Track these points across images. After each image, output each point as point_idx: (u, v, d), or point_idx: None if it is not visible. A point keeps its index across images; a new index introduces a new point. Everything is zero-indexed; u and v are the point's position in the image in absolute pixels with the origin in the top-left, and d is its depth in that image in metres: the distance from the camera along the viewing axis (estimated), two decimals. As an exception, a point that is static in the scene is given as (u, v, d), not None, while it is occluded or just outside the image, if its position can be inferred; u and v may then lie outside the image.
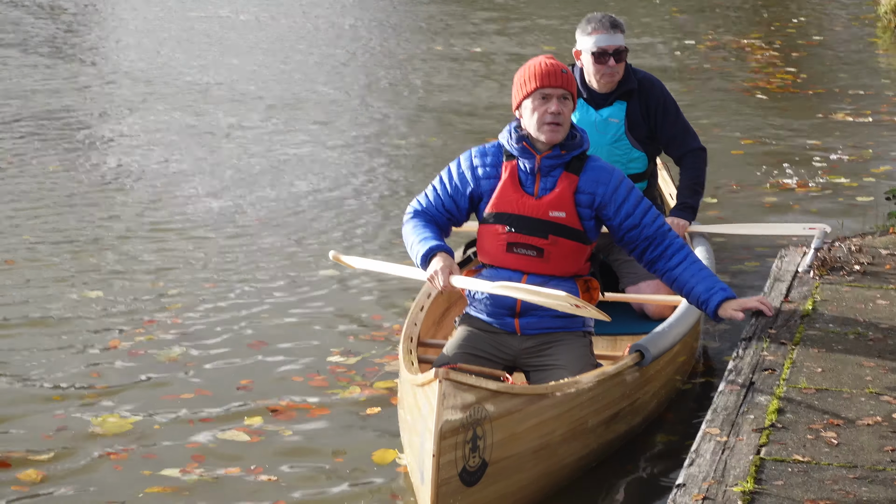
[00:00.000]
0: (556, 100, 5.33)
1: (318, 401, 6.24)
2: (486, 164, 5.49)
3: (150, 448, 5.74)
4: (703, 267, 5.47)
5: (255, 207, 9.32)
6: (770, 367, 5.16)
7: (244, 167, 10.38)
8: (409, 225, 5.56)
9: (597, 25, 6.63)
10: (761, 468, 4.34)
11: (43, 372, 6.58)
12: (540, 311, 5.40)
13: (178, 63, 14.80)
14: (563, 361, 5.38)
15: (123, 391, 6.35)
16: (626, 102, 6.73)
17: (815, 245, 6.35)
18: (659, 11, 18.06)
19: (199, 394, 6.31)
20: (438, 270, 5.33)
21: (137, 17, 18.03)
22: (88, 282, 7.83)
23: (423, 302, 6.14)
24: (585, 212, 5.39)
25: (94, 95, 13.18)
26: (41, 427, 5.96)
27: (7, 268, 8.05)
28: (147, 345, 6.88)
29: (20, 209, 9.24)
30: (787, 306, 5.84)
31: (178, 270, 8.06)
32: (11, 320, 7.24)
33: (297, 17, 17.88)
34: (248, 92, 13.26)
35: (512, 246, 5.40)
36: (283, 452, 5.72)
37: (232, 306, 7.48)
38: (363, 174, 10.28)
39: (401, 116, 12.31)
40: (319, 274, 7.99)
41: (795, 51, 15.26)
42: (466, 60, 14.82)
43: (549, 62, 5.37)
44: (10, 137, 11.29)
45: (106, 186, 9.88)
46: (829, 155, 10.69)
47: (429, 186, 5.61)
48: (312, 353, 6.82)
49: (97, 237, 8.66)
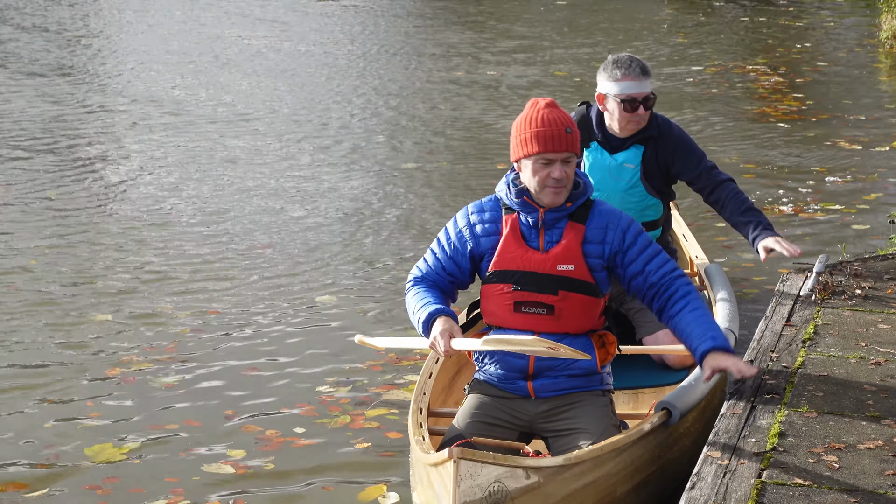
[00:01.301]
0: (559, 164, 4.96)
1: (306, 431, 6.22)
2: (485, 220, 5.13)
3: (134, 480, 5.71)
4: (703, 314, 4.98)
5: (259, 233, 9.32)
6: (772, 391, 5.15)
7: (249, 192, 10.38)
8: (410, 293, 5.21)
9: (626, 72, 6.19)
10: (762, 491, 4.32)
11: (37, 394, 6.60)
12: (554, 372, 5.07)
13: (185, 85, 14.82)
14: (584, 424, 5.00)
15: (114, 419, 6.34)
16: (644, 147, 6.34)
17: (817, 269, 6.34)
18: (666, 37, 18.07)
19: (188, 423, 6.30)
20: (438, 336, 4.96)
21: (145, 40, 18.05)
22: (86, 305, 7.85)
23: (431, 368, 5.78)
24: (595, 262, 5.02)
25: (98, 118, 13.19)
26: (34, 453, 5.98)
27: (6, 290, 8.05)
28: (142, 371, 6.88)
29: (21, 231, 9.23)
30: (788, 330, 5.81)
31: (177, 296, 8.06)
32: (5, 343, 7.25)
33: (311, 41, 17.88)
34: (256, 115, 13.27)
35: (520, 305, 5.03)
36: (267, 487, 5.68)
37: (230, 333, 7.48)
38: (375, 200, 10.27)
39: (415, 140, 12.31)
40: (317, 300, 8.00)
41: (800, 77, 15.26)
42: (485, 86, 14.81)
43: (552, 117, 4.96)
44: (13, 159, 11.28)
45: (107, 209, 9.90)
46: (832, 180, 10.68)
47: (427, 251, 5.26)
48: (306, 382, 6.81)
49: (97, 262, 8.68)
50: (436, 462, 4.34)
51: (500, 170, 10.58)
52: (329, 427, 6.25)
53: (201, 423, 6.28)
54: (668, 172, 6.40)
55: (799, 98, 13.97)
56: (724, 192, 6.39)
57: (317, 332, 7.50)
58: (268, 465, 5.87)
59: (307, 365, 7.02)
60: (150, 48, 17.35)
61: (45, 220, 9.57)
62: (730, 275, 8.16)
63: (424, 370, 5.75)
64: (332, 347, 7.26)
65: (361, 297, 8.03)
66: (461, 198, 10.04)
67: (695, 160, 6.39)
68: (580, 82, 14.80)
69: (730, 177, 6.45)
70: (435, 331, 4.99)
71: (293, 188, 10.51)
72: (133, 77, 15.32)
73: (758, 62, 16.14)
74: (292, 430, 6.22)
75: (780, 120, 12.98)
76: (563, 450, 4.92)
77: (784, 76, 15.26)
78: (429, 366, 5.79)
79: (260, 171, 11.02)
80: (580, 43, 17.45)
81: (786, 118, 13.07)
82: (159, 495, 5.57)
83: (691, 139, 6.46)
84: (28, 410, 6.46)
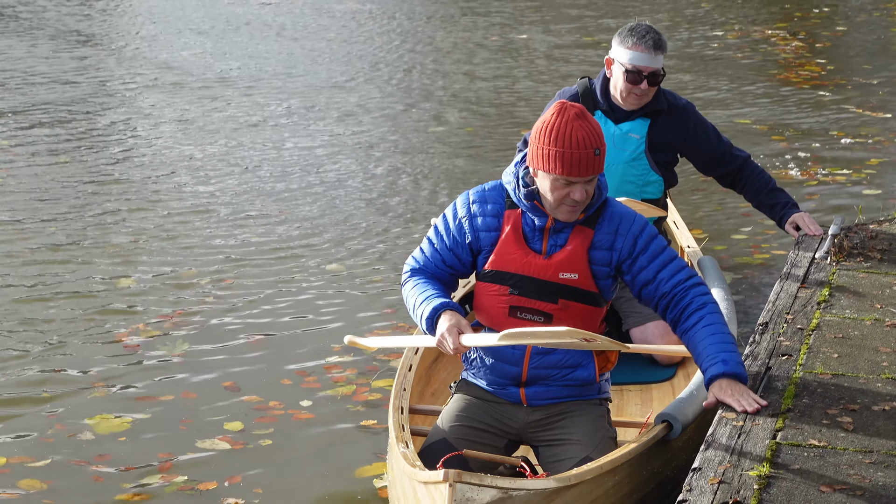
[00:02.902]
0: (581, 185, 4.49)
1: (307, 403, 6.19)
2: (486, 212, 4.68)
3: (125, 456, 5.67)
4: (717, 330, 4.59)
5: (275, 201, 9.30)
6: (786, 353, 5.11)
7: (266, 158, 10.35)
8: (408, 285, 4.79)
9: (637, 41, 5.91)
10: (777, 452, 4.29)
11: (43, 362, 6.61)
12: (548, 381, 4.69)
13: (201, 51, 14.78)
14: (578, 436, 4.66)
15: (115, 388, 6.33)
16: (651, 120, 6.07)
17: (833, 231, 6.28)
18: (691, 1, 17.98)
19: (185, 396, 6.29)
20: (445, 333, 4.54)
21: (162, 3, 18.00)
22: (96, 271, 7.86)
23: (410, 360, 5.40)
24: (601, 270, 4.62)
25: (112, 83, 13.19)
26: (37, 423, 5.99)
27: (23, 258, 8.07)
28: (149, 340, 6.88)
29: (34, 198, 9.22)
30: (803, 292, 5.77)
31: (190, 264, 8.06)
32: (17, 309, 7.26)
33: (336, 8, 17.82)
34: (274, 81, 13.24)
35: (515, 310, 4.64)
36: (262, 463, 5.63)
37: (240, 302, 7.47)
38: (396, 165, 10.22)
39: (440, 103, 12.24)
40: (328, 269, 7.99)
41: (820, 42, 15.17)
42: (510, 50, 14.73)
43: (581, 135, 4.42)
44: (29, 125, 11.26)
45: (121, 175, 9.91)
46: (848, 143, 10.64)
47: (424, 241, 4.83)
48: (312, 352, 6.79)
49: (110, 227, 8.68)
50: (427, 481, 4.02)
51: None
52: (331, 399, 6.22)
53: (198, 395, 6.26)
54: (676, 150, 6.16)
55: (820, 63, 13.90)
56: (745, 172, 6.24)
57: (328, 302, 7.49)
58: (265, 440, 5.83)
59: (315, 335, 7.01)
60: (167, 13, 17.30)
61: (60, 184, 9.55)
62: (742, 233, 8.13)
63: (403, 363, 5.37)
64: (342, 317, 7.25)
65: (374, 267, 8.01)
66: (483, 164, 9.99)
67: (712, 139, 6.19)
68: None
69: (748, 154, 6.31)
70: (441, 327, 4.56)
71: (311, 155, 10.50)
72: (149, 42, 15.32)
73: (777, 27, 16.05)
74: (294, 401, 6.20)
75: (799, 84, 12.93)
76: (554, 460, 4.63)
77: (804, 41, 15.19)
78: (408, 357, 5.42)
79: (278, 138, 11.00)
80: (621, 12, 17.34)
81: (805, 83, 13.02)
82: (150, 473, 5.53)
83: (705, 118, 6.22)
84: (31, 374, 6.48)
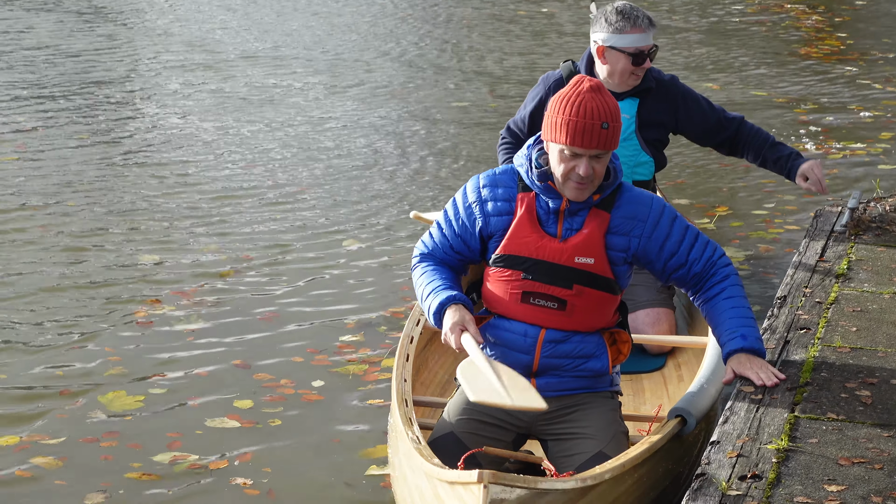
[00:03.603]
0: (586, 160, 4.36)
1: (318, 382, 6.16)
2: (497, 196, 4.54)
3: (133, 434, 5.65)
4: (738, 303, 4.55)
5: (297, 177, 9.27)
6: (805, 326, 5.09)
7: (290, 136, 10.31)
8: (417, 271, 4.69)
9: (634, 24, 5.80)
10: (795, 426, 4.28)
11: (59, 338, 6.60)
12: (560, 371, 4.55)
13: (225, 26, 14.73)
14: (591, 430, 4.51)
15: (127, 365, 6.31)
16: (639, 99, 5.95)
17: (851, 205, 6.25)
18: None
19: (198, 374, 6.26)
20: (448, 331, 4.44)
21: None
22: (114, 246, 7.84)
23: (406, 349, 5.23)
24: (618, 255, 4.49)
25: (133, 58, 13.17)
26: (51, 400, 5.98)
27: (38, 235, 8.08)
28: (164, 315, 6.86)
29: (55, 174, 9.24)
30: (821, 265, 5.74)
31: (209, 238, 8.04)
32: (27, 289, 7.25)
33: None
34: (296, 55, 13.19)
35: (528, 296, 4.49)
36: (270, 441, 5.62)
37: (257, 278, 7.45)
38: (416, 142, 10.19)
39: (462, 78, 12.19)
40: (345, 246, 7.95)
41: (839, 16, 15.10)
42: (537, 26, 14.67)
43: (591, 106, 4.33)
44: (48, 97, 11.26)
45: (142, 150, 9.88)
46: (867, 116, 10.58)
47: (433, 225, 4.71)
48: (326, 329, 6.75)
49: (128, 203, 8.66)
50: (457, 481, 3.91)
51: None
52: (342, 378, 6.21)
53: (208, 373, 6.24)
54: (668, 126, 6.03)
55: (839, 37, 13.82)
56: (742, 134, 6.06)
57: (345, 279, 7.46)
58: (274, 419, 5.81)
59: (329, 312, 6.97)
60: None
61: (83, 162, 9.55)
62: (759, 206, 8.09)
63: (400, 352, 5.20)
64: (358, 295, 7.22)
65: (396, 244, 7.96)
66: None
67: (704, 107, 6.03)
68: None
69: (741, 116, 6.13)
70: (446, 324, 4.46)
71: (334, 132, 10.46)
72: (178, 19, 15.26)
73: (797, 1, 15.95)
74: (304, 380, 6.17)
75: (818, 58, 12.88)
76: (565, 455, 4.50)
77: (823, 15, 15.11)
78: (404, 346, 5.24)
79: (303, 115, 10.96)
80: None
81: (825, 57, 12.94)
82: (160, 451, 5.50)
83: (692, 89, 6.11)
84: (47, 350, 6.48)
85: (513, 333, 4.54)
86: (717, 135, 6.08)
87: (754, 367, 4.54)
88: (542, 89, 6.03)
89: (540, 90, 6.04)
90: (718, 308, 4.55)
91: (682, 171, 9.20)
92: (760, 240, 7.92)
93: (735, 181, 9.03)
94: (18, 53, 13.07)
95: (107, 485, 5.20)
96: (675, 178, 9.06)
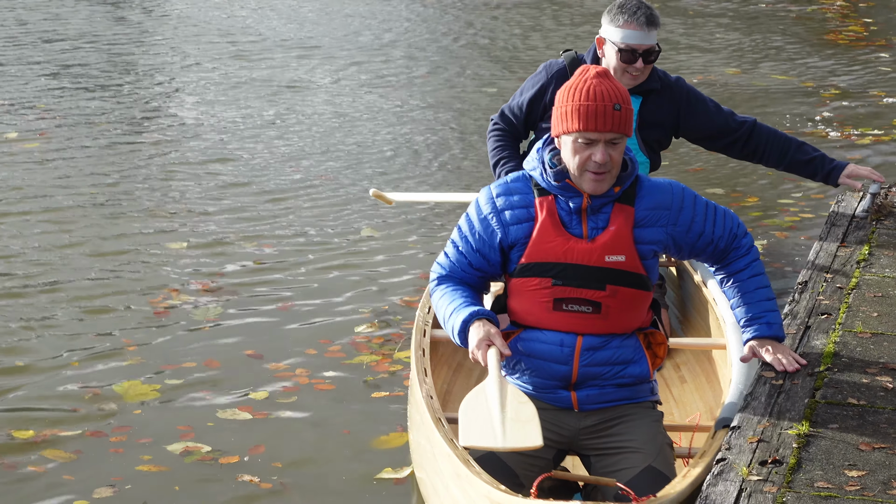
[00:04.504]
0: (602, 146, 4.22)
1: (331, 372, 6.17)
2: (514, 204, 4.35)
3: (144, 427, 5.65)
4: (761, 283, 4.50)
5: (321, 165, 9.28)
6: (826, 312, 5.07)
7: (316, 124, 10.32)
8: (436, 295, 4.47)
9: (629, 19, 5.62)
10: (816, 411, 4.27)
11: (76, 327, 6.63)
12: (600, 380, 4.36)
13: (247, 13, 14.71)
14: (637, 443, 4.29)
15: (140, 355, 6.32)
16: (642, 98, 5.80)
17: (873, 190, 6.22)
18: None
19: (208, 364, 6.26)
20: (475, 349, 4.24)
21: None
22: (129, 240, 7.85)
23: (421, 363, 4.92)
24: (647, 248, 4.34)
25: (159, 46, 13.18)
26: (65, 390, 5.99)
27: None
28: (179, 307, 6.86)
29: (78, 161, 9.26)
30: (843, 251, 5.71)
31: (226, 229, 8.04)
32: (50, 272, 7.28)
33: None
34: (320, 42, 13.16)
35: (560, 302, 4.30)
36: (282, 433, 5.61)
37: (275, 268, 7.45)
38: (440, 133, 10.16)
39: (495, 65, 12.20)
40: (363, 233, 7.95)
41: (864, 1, 15.01)
42: (569, 13, 14.65)
43: (600, 89, 4.21)
44: (79, 87, 11.31)
45: (160, 139, 9.91)
46: (890, 102, 10.53)
47: (448, 243, 4.49)
48: (341, 319, 6.75)
49: (145, 193, 8.66)
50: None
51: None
52: (355, 368, 6.20)
53: (221, 364, 6.24)
54: (669, 127, 5.88)
55: (865, 23, 13.76)
56: (758, 137, 5.90)
57: (361, 268, 7.46)
58: (285, 410, 5.80)
59: (345, 301, 6.98)
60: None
61: (103, 149, 9.56)
62: (778, 191, 8.06)
63: (416, 366, 4.88)
64: (375, 283, 7.22)
65: (413, 234, 7.96)
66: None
67: (710, 108, 5.89)
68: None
69: (753, 118, 5.98)
70: (472, 341, 4.26)
71: (357, 118, 10.47)
72: (203, 5, 15.24)
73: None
74: (317, 370, 6.17)
75: (843, 43, 12.85)
76: (612, 470, 4.28)
77: (849, 0, 15.06)
78: (419, 360, 4.94)
79: (325, 101, 10.96)
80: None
81: (849, 42, 12.88)
82: (170, 442, 5.50)
83: (698, 90, 5.97)
84: (62, 340, 6.50)
85: (548, 344, 4.35)
86: (724, 137, 5.94)
87: (776, 351, 4.50)
88: (545, 77, 5.84)
89: (541, 77, 5.86)
90: (744, 287, 4.48)
91: (699, 158, 9.17)
92: (780, 225, 7.89)
93: (754, 167, 8.99)
94: (56, 44, 13.10)
95: (117, 479, 5.20)
96: (693, 164, 9.04)
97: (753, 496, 3.79)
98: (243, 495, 5.12)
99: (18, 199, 8.45)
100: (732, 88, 11.16)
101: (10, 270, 7.26)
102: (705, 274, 5.67)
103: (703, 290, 5.66)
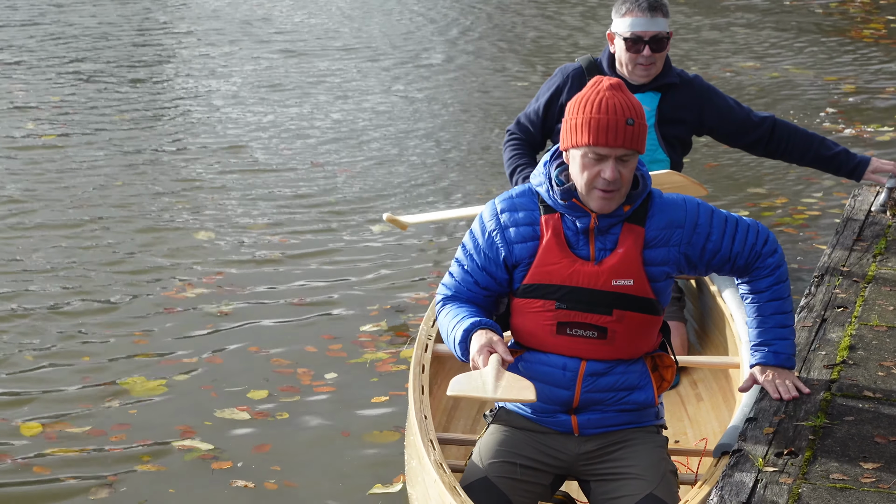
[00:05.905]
0: (612, 162, 3.98)
1: (334, 372, 6.15)
2: (518, 221, 4.14)
3: (143, 426, 5.64)
4: (780, 307, 4.28)
5: (343, 160, 9.28)
6: (842, 305, 5.07)
7: (339, 119, 10.33)
8: (440, 315, 4.28)
9: (632, 6, 5.56)
10: (832, 404, 4.27)
11: (86, 321, 6.65)
12: (603, 405, 4.16)
13: (269, 7, 14.72)
14: (639, 469, 4.10)
15: (150, 351, 6.33)
16: (661, 94, 5.71)
17: (889, 185, 6.20)
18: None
19: (210, 361, 6.27)
20: (475, 355, 4.02)
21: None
22: (141, 235, 7.87)
23: (420, 380, 4.75)
24: (658, 271, 4.12)
25: (178, 38, 13.20)
26: (72, 386, 6.01)
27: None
28: (189, 302, 6.87)
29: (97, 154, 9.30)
30: (859, 245, 5.71)
31: (240, 223, 8.05)
32: (64, 265, 7.32)
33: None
34: (343, 36, 13.17)
35: (564, 326, 4.11)
36: (281, 433, 5.61)
37: (288, 262, 7.46)
38: (458, 129, 10.17)
39: (522, 58, 12.18)
40: (381, 230, 7.93)
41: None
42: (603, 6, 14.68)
43: (613, 102, 3.98)
44: (99, 78, 11.36)
45: (186, 128, 9.92)
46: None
47: (453, 263, 4.30)
48: (347, 318, 6.72)
49: (159, 189, 8.69)
50: None
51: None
52: (358, 368, 6.19)
53: (223, 361, 6.25)
54: (691, 124, 5.80)
55: (888, 20, 13.71)
56: (779, 133, 5.82)
57: (371, 266, 7.45)
58: (285, 411, 5.80)
59: (353, 298, 6.98)
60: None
61: (119, 143, 9.59)
62: (795, 184, 8.04)
63: (414, 383, 4.72)
64: (384, 281, 7.21)
65: (425, 231, 7.94)
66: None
67: (731, 104, 5.81)
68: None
69: (772, 115, 5.90)
70: (473, 349, 4.05)
71: (377, 114, 10.48)
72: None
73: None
74: (319, 370, 6.16)
75: (862, 41, 12.78)
76: (611, 497, 4.11)
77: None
78: (417, 376, 4.77)
79: (347, 96, 10.96)
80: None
81: (869, 40, 12.85)
82: (170, 441, 5.50)
83: (718, 90, 5.90)
84: (72, 334, 6.52)
85: (550, 367, 4.16)
86: (747, 134, 5.86)
87: (777, 378, 4.33)
88: (560, 78, 5.76)
89: (557, 79, 5.77)
90: (761, 310, 4.28)
91: (716, 153, 9.16)
92: (798, 218, 7.88)
93: (768, 161, 8.98)
94: (80, 40, 13.15)
95: (113, 479, 5.20)
96: (710, 161, 9.03)
97: (769, 487, 3.80)
98: (242, 496, 5.11)
99: (32, 194, 8.47)
100: (750, 81, 11.15)
101: (19, 264, 7.28)
102: (722, 285, 5.56)
103: (720, 305, 5.53)
